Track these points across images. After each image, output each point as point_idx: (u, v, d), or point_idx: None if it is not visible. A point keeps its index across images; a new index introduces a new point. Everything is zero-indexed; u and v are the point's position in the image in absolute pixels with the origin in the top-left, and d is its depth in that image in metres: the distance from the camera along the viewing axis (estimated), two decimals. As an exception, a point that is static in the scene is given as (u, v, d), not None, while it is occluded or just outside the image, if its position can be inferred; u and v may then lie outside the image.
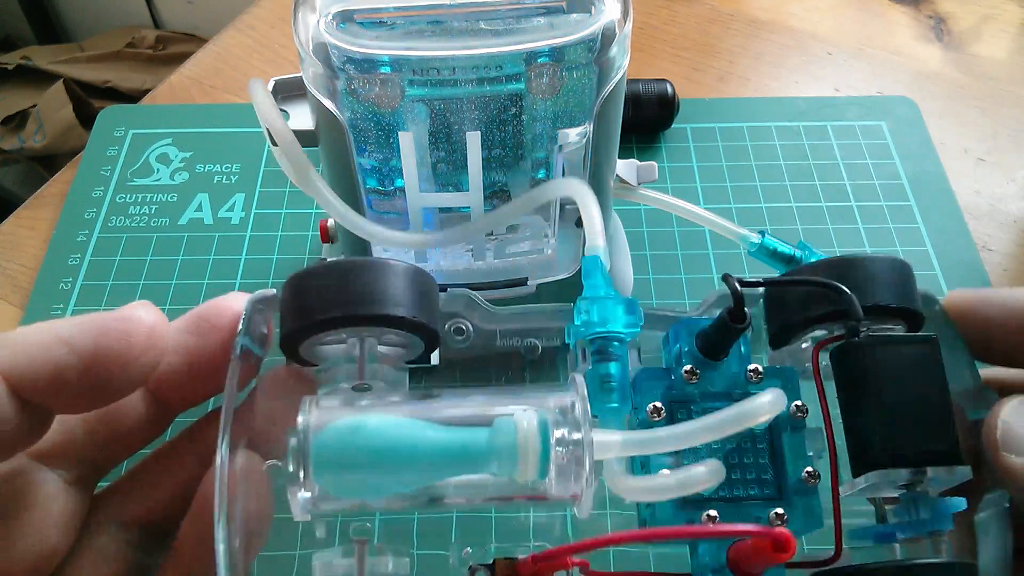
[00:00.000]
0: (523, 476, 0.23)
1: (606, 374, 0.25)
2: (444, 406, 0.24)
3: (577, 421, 0.23)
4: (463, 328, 0.28)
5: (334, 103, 0.30)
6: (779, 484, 0.26)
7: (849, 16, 0.60)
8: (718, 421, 0.23)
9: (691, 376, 0.26)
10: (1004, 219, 0.48)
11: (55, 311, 0.43)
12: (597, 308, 0.26)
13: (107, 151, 0.50)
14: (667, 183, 0.48)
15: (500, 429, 0.23)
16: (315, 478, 0.23)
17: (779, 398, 0.23)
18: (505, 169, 0.34)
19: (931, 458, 0.24)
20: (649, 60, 0.56)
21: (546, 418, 0.23)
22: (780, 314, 0.27)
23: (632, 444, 0.24)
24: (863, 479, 0.25)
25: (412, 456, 0.23)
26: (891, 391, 0.25)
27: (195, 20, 1.30)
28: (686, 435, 0.23)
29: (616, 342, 0.26)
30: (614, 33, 0.30)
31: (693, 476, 0.23)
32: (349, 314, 0.24)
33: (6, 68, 1.22)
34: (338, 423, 0.23)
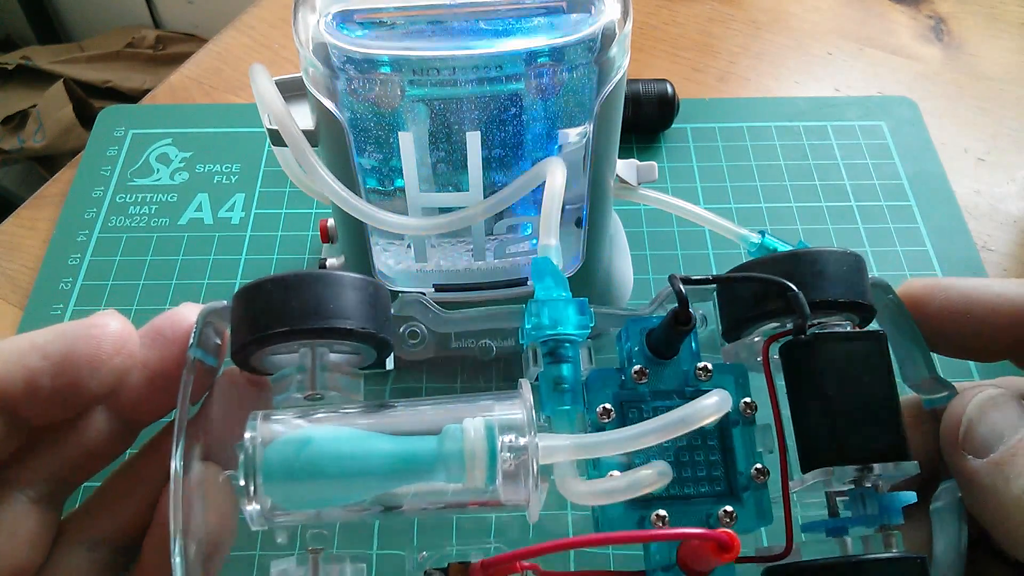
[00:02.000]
0: (472, 482, 0.23)
1: (558, 376, 0.26)
2: (393, 416, 0.25)
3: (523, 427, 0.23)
4: (417, 331, 0.28)
5: (334, 103, 0.31)
6: (729, 481, 0.26)
7: (849, 16, 0.60)
8: (664, 424, 0.23)
9: (640, 376, 0.26)
10: (1004, 219, 0.48)
11: (55, 311, 0.43)
12: (548, 310, 0.26)
13: (107, 151, 0.50)
14: (667, 183, 0.48)
15: (448, 437, 0.23)
16: (265, 491, 0.23)
17: (724, 399, 0.24)
18: (505, 169, 0.34)
19: (877, 454, 0.24)
20: (649, 60, 0.56)
21: (492, 425, 0.23)
22: (732, 309, 0.28)
23: (580, 448, 0.24)
24: (810, 476, 0.25)
25: (361, 467, 0.23)
26: (837, 389, 0.25)
27: (195, 20, 1.30)
28: (633, 438, 0.23)
29: (567, 343, 0.26)
30: (614, 33, 0.30)
31: (640, 479, 0.23)
32: (296, 328, 0.24)
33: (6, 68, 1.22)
34: (286, 437, 0.23)
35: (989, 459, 0.24)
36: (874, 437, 0.24)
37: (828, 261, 0.27)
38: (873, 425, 0.25)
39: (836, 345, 0.25)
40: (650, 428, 0.23)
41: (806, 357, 0.25)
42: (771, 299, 0.26)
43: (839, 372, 0.25)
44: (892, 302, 0.28)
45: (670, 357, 0.27)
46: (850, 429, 0.25)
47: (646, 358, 0.27)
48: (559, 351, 0.26)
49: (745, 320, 0.27)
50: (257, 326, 0.25)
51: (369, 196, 0.35)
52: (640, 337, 0.27)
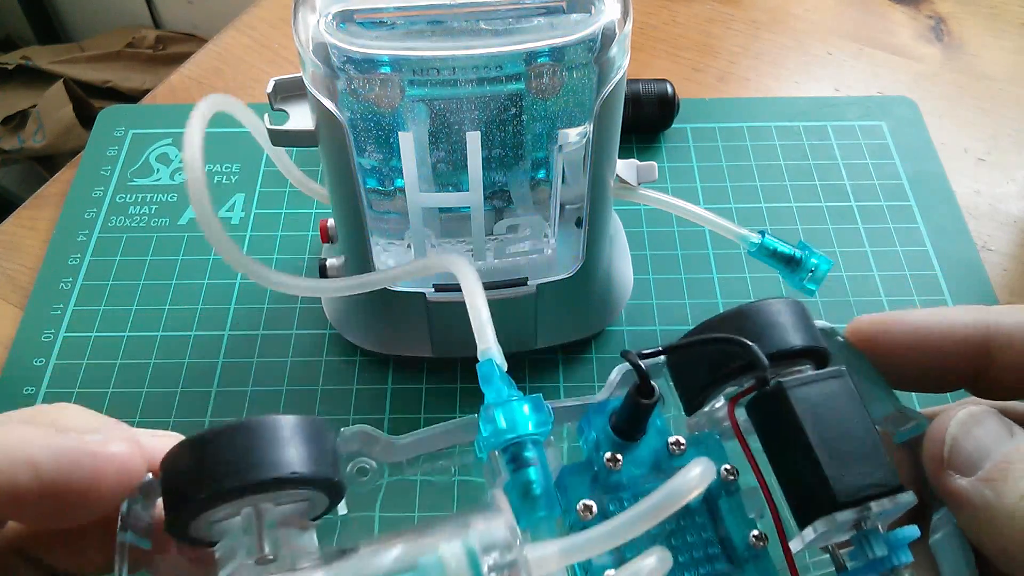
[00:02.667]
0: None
1: (526, 482, 0.24)
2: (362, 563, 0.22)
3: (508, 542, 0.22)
4: (366, 467, 0.26)
5: (334, 103, 0.31)
6: (728, 555, 0.25)
7: (849, 16, 0.60)
8: (652, 506, 0.22)
9: (614, 463, 0.25)
10: (1004, 219, 0.48)
11: (55, 311, 0.43)
12: (503, 413, 0.24)
13: (107, 151, 0.50)
14: (667, 183, 0.48)
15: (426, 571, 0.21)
16: None
17: (708, 467, 0.22)
18: (505, 169, 0.34)
19: (872, 492, 0.23)
20: (649, 60, 0.56)
21: (473, 547, 0.21)
22: (687, 379, 0.26)
23: (571, 551, 0.22)
24: (811, 530, 0.24)
25: None
26: (815, 432, 0.24)
27: (195, 20, 1.30)
28: (623, 528, 0.22)
29: (530, 444, 0.24)
30: (614, 33, 0.30)
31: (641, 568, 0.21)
32: (227, 487, 0.22)
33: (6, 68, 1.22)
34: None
35: (977, 476, 0.24)
36: (865, 474, 0.23)
37: (773, 312, 0.26)
38: (861, 462, 0.24)
39: (803, 389, 0.24)
40: (639, 512, 0.22)
41: (776, 408, 0.24)
42: (725, 360, 0.25)
43: (813, 415, 0.24)
44: (843, 345, 0.28)
45: (638, 438, 0.26)
46: (839, 471, 0.23)
47: (613, 443, 0.26)
48: (523, 455, 0.24)
49: (703, 387, 0.26)
50: (184, 495, 0.22)
51: (369, 196, 0.35)
52: (603, 423, 0.26)
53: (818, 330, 0.26)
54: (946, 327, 0.27)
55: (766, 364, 0.24)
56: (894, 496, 0.23)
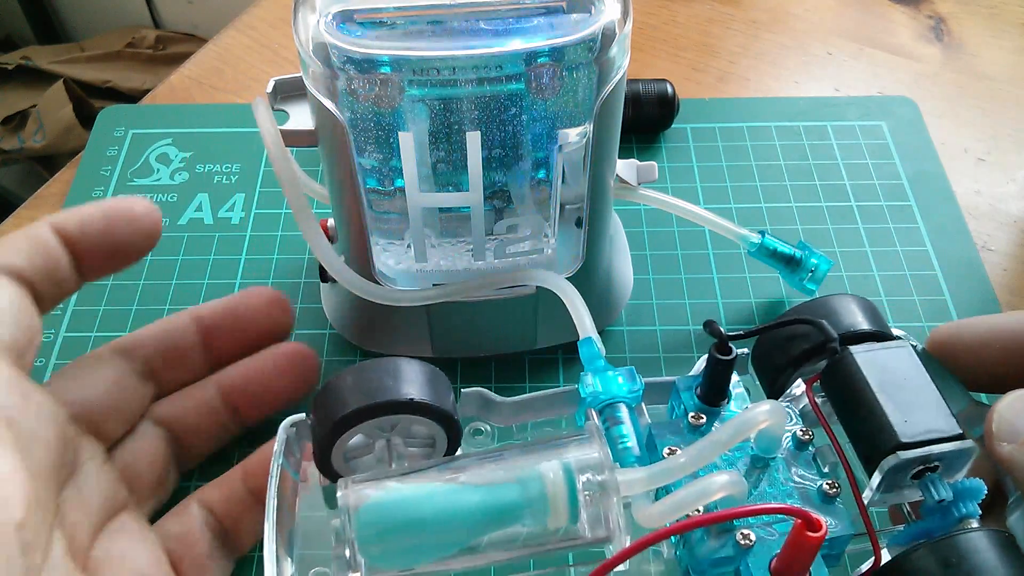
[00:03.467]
0: (555, 523, 0.24)
1: (617, 436, 0.27)
2: (472, 467, 0.25)
3: (600, 464, 0.24)
4: (481, 429, 0.30)
5: (334, 103, 0.31)
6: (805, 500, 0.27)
7: (849, 16, 0.60)
8: (728, 431, 0.24)
9: (697, 419, 0.28)
10: (1004, 219, 0.48)
11: (55, 311, 0.43)
12: (600, 379, 0.28)
13: (107, 151, 0.50)
14: (667, 183, 0.48)
15: (528, 481, 0.24)
16: (361, 553, 0.24)
17: (776, 406, 0.25)
18: (505, 169, 0.34)
19: (934, 437, 0.25)
20: (649, 60, 0.56)
21: (570, 466, 0.24)
22: (767, 366, 0.29)
23: (656, 476, 0.24)
24: (877, 473, 0.25)
25: (449, 519, 0.24)
26: (879, 387, 0.26)
27: (195, 20, 1.30)
28: (700, 454, 0.24)
29: (622, 405, 0.27)
30: (614, 33, 0.30)
31: (713, 483, 0.23)
32: (374, 403, 0.26)
33: (6, 68, 1.22)
34: (377, 500, 0.24)
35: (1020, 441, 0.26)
36: (927, 422, 0.25)
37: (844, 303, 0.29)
38: (924, 412, 0.26)
39: (868, 354, 0.27)
40: (714, 440, 0.24)
41: (844, 371, 0.27)
42: (799, 342, 0.28)
43: (878, 373, 0.26)
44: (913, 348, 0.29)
45: (720, 404, 0.29)
46: (902, 418, 0.25)
47: (698, 408, 0.29)
48: (615, 414, 0.27)
49: (781, 369, 0.29)
50: (338, 409, 0.26)
51: (369, 196, 0.35)
52: (690, 395, 0.29)
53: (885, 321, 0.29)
54: (1015, 326, 0.30)
55: (835, 336, 0.27)
56: (955, 442, 0.25)
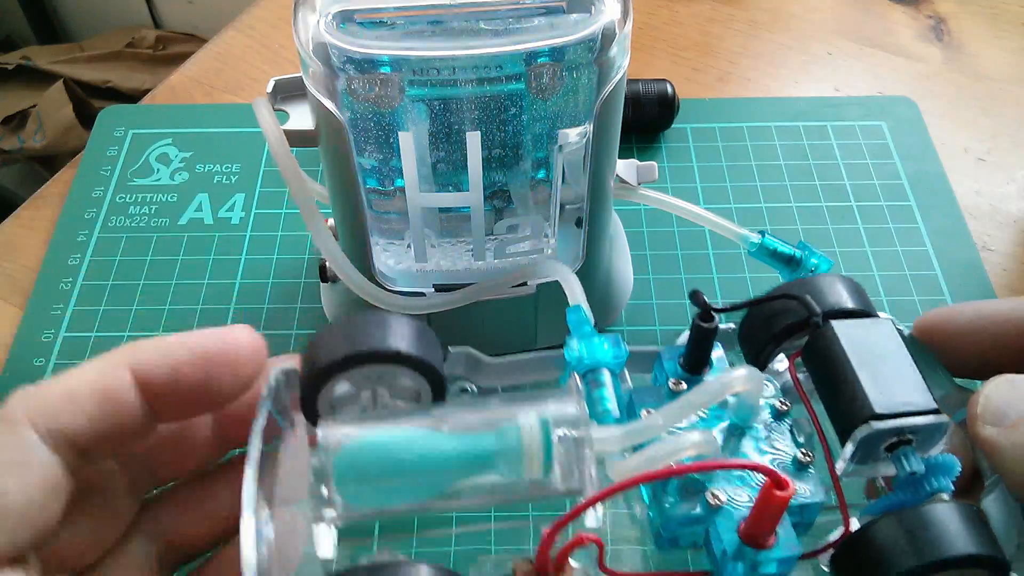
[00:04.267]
0: (529, 474, 0.24)
1: (599, 398, 0.27)
2: (453, 415, 0.26)
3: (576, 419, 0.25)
4: (467, 388, 0.30)
5: (334, 103, 0.31)
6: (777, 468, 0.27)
7: (849, 16, 0.60)
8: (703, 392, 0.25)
9: (677, 385, 0.28)
10: (1004, 219, 0.48)
11: (55, 311, 0.43)
12: (585, 344, 0.28)
13: (107, 151, 0.50)
14: (667, 183, 0.48)
15: (505, 432, 0.24)
16: (338, 492, 0.24)
17: (753, 371, 0.25)
18: (505, 169, 0.34)
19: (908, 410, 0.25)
20: (649, 60, 0.56)
21: (547, 419, 0.24)
22: (752, 341, 0.29)
23: (631, 434, 0.25)
24: (850, 443, 0.26)
25: (426, 463, 0.24)
26: (857, 360, 0.26)
27: (195, 20, 1.30)
28: (678, 410, 0.25)
29: (605, 371, 0.28)
30: (614, 33, 0.30)
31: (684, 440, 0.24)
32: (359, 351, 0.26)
33: (6, 68, 1.22)
34: (356, 441, 0.25)
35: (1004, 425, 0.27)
36: (903, 395, 0.26)
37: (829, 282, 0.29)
38: (900, 386, 0.26)
39: (849, 327, 0.27)
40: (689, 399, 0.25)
41: (824, 343, 0.27)
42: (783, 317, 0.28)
43: (857, 347, 0.26)
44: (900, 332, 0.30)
45: (702, 372, 0.29)
46: (878, 389, 0.26)
47: (681, 376, 0.29)
48: (597, 379, 0.28)
49: (765, 344, 0.29)
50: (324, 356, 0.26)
51: (369, 196, 0.35)
52: (673, 363, 0.29)
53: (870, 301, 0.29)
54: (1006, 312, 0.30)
55: (819, 311, 0.27)
56: (930, 415, 0.25)
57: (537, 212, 0.35)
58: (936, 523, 0.24)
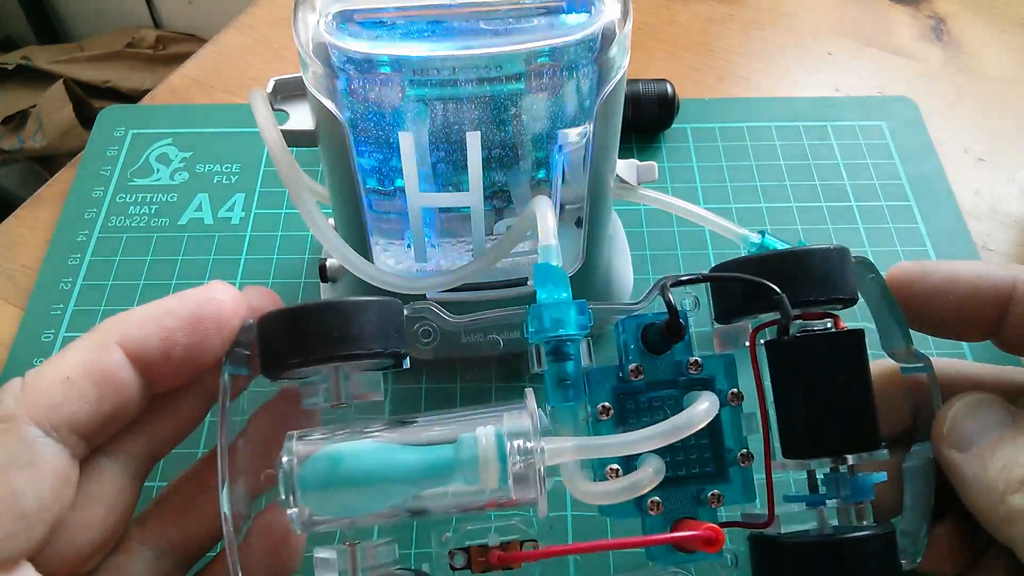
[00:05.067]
0: (486, 485, 0.26)
1: (562, 373, 0.28)
2: (413, 430, 0.28)
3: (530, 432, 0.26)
4: (429, 330, 0.30)
5: (334, 103, 0.31)
6: (717, 464, 0.29)
7: (849, 16, 0.60)
8: (660, 432, 0.26)
9: (636, 373, 0.29)
10: (1004, 219, 0.48)
11: (55, 311, 0.43)
12: (549, 313, 0.28)
13: (107, 151, 0.50)
14: (667, 183, 0.48)
15: (463, 445, 0.26)
16: (303, 503, 0.26)
17: (713, 403, 0.27)
18: (505, 169, 0.34)
19: (851, 446, 0.27)
20: (649, 60, 0.56)
21: (502, 432, 0.26)
22: (723, 300, 0.30)
23: (583, 449, 0.26)
24: (792, 463, 0.28)
25: (386, 476, 0.26)
26: (817, 386, 0.27)
27: (195, 20, 1.30)
28: (632, 443, 0.26)
29: (569, 343, 0.28)
30: (614, 33, 0.30)
31: (639, 481, 0.26)
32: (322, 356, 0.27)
33: (6, 68, 1.22)
34: (319, 453, 0.26)
35: (971, 451, 0.27)
36: (849, 430, 0.27)
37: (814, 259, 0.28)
38: (848, 419, 0.27)
39: (817, 346, 0.28)
40: (647, 435, 0.26)
41: (789, 356, 0.28)
42: (757, 298, 0.28)
43: (819, 371, 0.27)
44: (874, 280, 0.30)
45: (664, 352, 0.29)
46: (827, 424, 0.27)
47: (641, 352, 0.29)
48: (562, 350, 0.28)
49: (735, 310, 0.29)
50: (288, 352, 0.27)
51: (369, 196, 0.35)
52: (635, 332, 0.29)
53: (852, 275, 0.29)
54: (977, 278, 0.30)
55: (790, 315, 0.27)
56: (869, 452, 0.27)
57: (537, 212, 0.35)
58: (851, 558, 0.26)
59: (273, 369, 0.27)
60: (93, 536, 0.26)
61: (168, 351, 0.25)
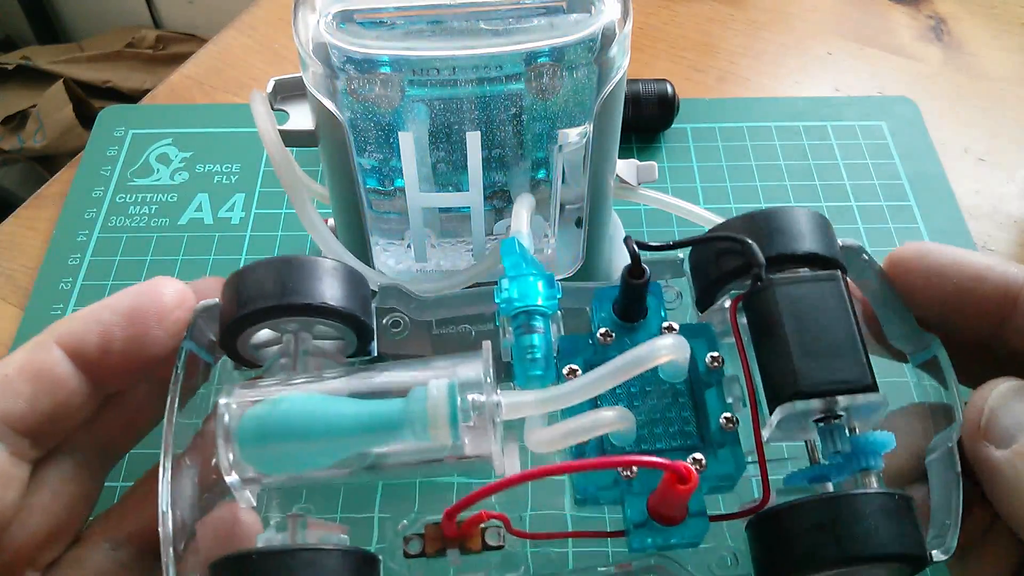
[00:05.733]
0: (436, 440, 0.24)
1: (528, 345, 0.26)
2: (364, 380, 0.26)
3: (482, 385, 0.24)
4: (399, 321, 0.29)
5: (334, 103, 0.31)
6: (701, 433, 0.27)
7: (849, 16, 0.60)
8: (623, 363, 0.24)
9: (606, 338, 0.27)
10: (1004, 219, 0.48)
11: (55, 311, 0.43)
12: (516, 285, 0.27)
13: (107, 151, 0.50)
14: (667, 183, 0.48)
15: (412, 397, 0.24)
16: (242, 456, 0.24)
17: (679, 340, 0.24)
18: (505, 169, 0.34)
19: (838, 388, 0.24)
20: (649, 60, 0.56)
21: (454, 384, 0.24)
22: (700, 277, 0.28)
23: (544, 401, 0.24)
24: (775, 415, 0.24)
25: (330, 427, 0.24)
26: (796, 326, 0.25)
27: (195, 20, 1.30)
28: (594, 382, 0.24)
29: (537, 315, 0.27)
30: (614, 33, 0.30)
31: (601, 418, 0.24)
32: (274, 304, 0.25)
33: (6, 68, 1.22)
34: (260, 403, 0.24)
35: (1012, 449, 0.24)
36: (836, 370, 0.24)
37: (793, 218, 0.27)
38: (835, 358, 0.24)
39: (792, 287, 0.25)
40: (608, 370, 0.24)
41: (764, 301, 0.26)
42: (731, 256, 0.27)
43: (796, 310, 0.25)
44: (867, 263, 0.28)
45: (637, 320, 0.28)
46: (809, 363, 0.24)
47: (615, 323, 0.28)
48: (529, 323, 0.27)
49: (712, 283, 0.28)
50: (239, 306, 0.26)
51: (369, 196, 0.35)
52: (608, 305, 0.28)
53: (836, 242, 0.27)
54: (984, 267, 0.27)
55: (762, 262, 0.26)
56: (862, 394, 0.24)
57: (537, 212, 0.35)
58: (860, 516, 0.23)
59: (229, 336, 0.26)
60: (46, 530, 0.26)
61: (106, 345, 0.25)
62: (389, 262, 0.37)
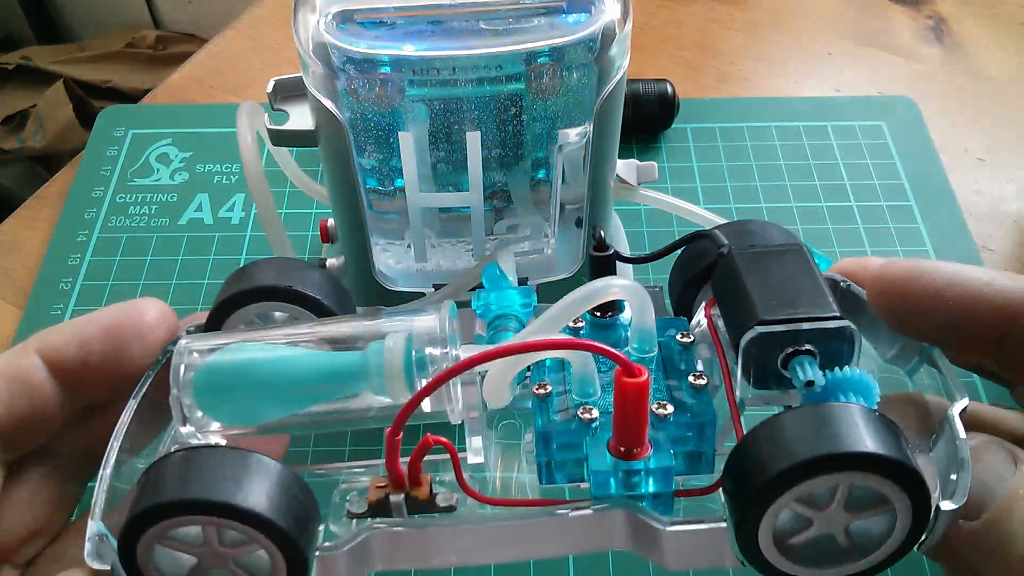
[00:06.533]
0: (393, 394, 0.24)
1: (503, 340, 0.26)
2: (321, 332, 0.26)
3: (438, 336, 0.24)
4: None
5: (334, 103, 0.31)
6: (671, 395, 0.26)
7: (849, 16, 0.60)
8: (567, 304, 0.24)
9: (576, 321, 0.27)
10: (1004, 219, 0.48)
11: (55, 311, 0.43)
12: (495, 295, 0.28)
13: (107, 151, 0.50)
14: (667, 183, 0.48)
15: (370, 351, 0.24)
16: (199, 406, 0.24)
17: (634, 285, 0.25)
18: (505, 169, 0.34)
19: (800, 315, 0.23)
20: (649, 60, 0.56)
21: (411, 338, 0.24)
22: (673, 288, 0.29)
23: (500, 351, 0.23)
24: (741, 350, 0.24)
25: (288, 378, 0.24)
26: (754, 281, 0.25)
27: (195, 20, 1.30)
28: (550, 319, 0.24)
29: (512, 319, 0.27)
30: (614, 33, 0.30)
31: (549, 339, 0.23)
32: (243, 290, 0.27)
33: (6, 68, 1.22)
34: (216, 354, 0.24)
35: (982, 520, 0.22)
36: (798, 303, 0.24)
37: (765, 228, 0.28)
38: (799, 300, 0.24)
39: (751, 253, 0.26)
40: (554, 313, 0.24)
41: (727, 269, 0.26)
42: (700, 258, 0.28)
43: (759, 269, 0.25)
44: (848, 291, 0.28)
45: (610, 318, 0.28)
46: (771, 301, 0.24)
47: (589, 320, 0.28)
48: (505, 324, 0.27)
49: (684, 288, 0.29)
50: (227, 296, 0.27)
51: (369, 196, 0.35)
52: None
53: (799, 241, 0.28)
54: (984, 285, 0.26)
55: (724, 242, 0.27)
56: (827, 321, 0.23)
57: (537, 212, 0.35)
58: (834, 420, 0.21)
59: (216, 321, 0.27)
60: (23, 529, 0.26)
61: (85, 357, 0.26)
62: (389, 262, 0.37)
